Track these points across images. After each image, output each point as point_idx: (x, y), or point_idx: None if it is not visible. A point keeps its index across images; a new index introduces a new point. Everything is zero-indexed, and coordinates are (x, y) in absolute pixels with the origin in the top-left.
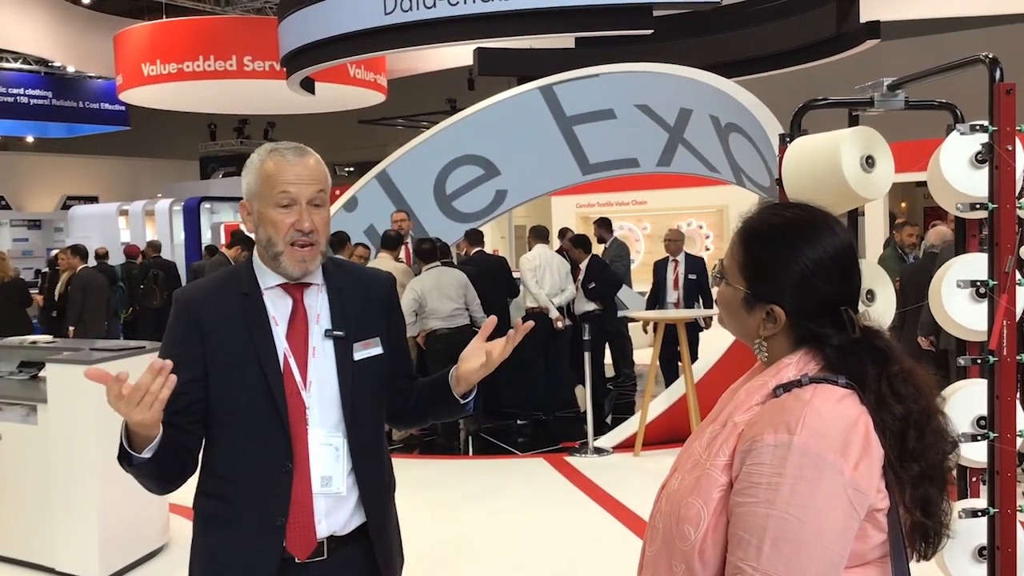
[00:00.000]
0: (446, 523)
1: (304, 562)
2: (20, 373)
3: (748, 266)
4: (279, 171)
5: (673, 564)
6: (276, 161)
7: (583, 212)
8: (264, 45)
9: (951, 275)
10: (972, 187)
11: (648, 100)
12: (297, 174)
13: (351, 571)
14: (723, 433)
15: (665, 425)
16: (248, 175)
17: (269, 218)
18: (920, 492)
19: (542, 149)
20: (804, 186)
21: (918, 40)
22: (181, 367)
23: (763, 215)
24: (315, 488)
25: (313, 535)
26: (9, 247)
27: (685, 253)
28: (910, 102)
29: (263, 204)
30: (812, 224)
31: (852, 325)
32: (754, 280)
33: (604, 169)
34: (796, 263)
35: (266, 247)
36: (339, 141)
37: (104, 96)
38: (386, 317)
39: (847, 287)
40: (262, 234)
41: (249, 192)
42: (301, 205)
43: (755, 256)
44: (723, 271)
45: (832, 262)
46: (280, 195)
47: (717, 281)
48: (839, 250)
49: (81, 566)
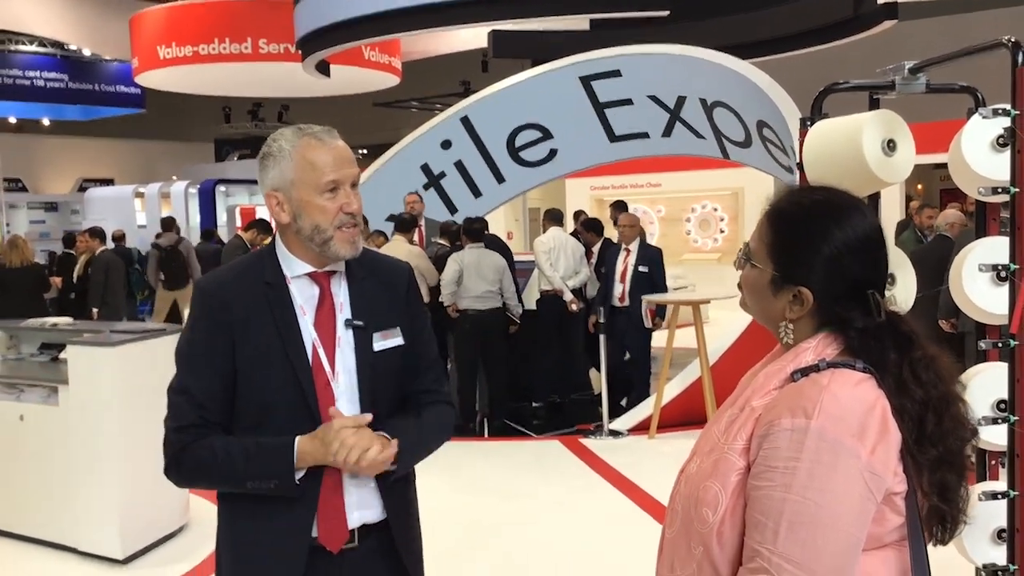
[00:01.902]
0: (462, 505)
1: (337, 552)
2: (41, 355)
3: (777, 247)
4: (320, 156)
5: (692, 546)
6: (314, 146)
7: (597, 195)
8: (279, 28)
9: (972, 258)
10: (993, 171)
11: (656, 91)
12: (338, 157)
13: (378, 558)
14: (741, 417)
15: (680, 408)
16: (280, 163)
17: (316, 205)
18: (937, 477)
19: (581, 122)
20: (825, 170)
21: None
22: (212, 363)
23: (793, 197)
24: (345, 479)
25: (344, 525)
26: (26, 229)
27: (640, 241)
28: (931, 85)
29: (306, 192)
30: (842, 206)
31: (878, 309)
32: (783, 261)
33: (624, 139)
34: (827, 245)
35: (311, 234)
36: (353, 124)
37: (120, 79)
38: (405, 308)
39: (875, 270)
40: (305, 222)
41: (283, 181)
42: (346, 188)
43: (784, 237)
44: (749, 253)
45: (862, 245)
46: (328, 182)
47: (742, 263)
48: (869, 233)
49: (102, 546)
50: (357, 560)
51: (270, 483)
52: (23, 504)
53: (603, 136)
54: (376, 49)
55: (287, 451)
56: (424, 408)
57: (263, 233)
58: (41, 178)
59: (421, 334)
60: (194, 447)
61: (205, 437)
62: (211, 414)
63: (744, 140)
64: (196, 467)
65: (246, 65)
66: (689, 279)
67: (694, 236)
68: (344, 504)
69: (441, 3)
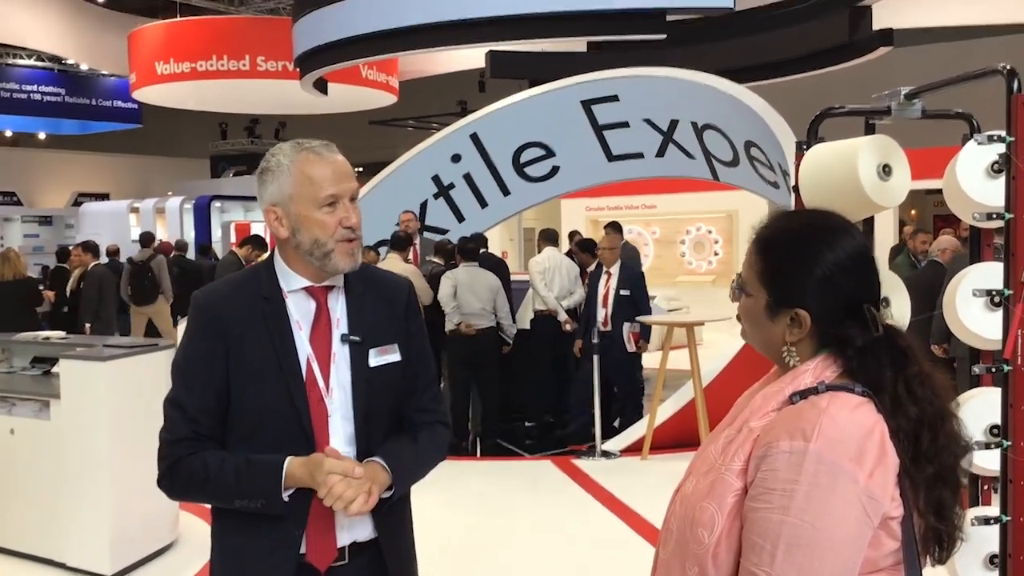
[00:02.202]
0: (453, 524)
1: (324, 571)
2: (33, 369)
3: (767, 273)
4: (318, 171)
5: (687, 567)
6: (312, 161)
7: (592, 215)
8: (277, 45)
9: (966, 284)
10: (988, 197)
11: (651, 115)
12: (337, 171)
13: None
14: (738, 438)
15: (673, 429)
16: (278, 178)
17: (315, 220)
18: (934, 495)
19: (582, 142)
20: (821, 194)
21: (931, 47)
22: (207, 376)
23: (778, 222)
24: None
25: (333, 544)
26: (20, 243)
27: (621, 264)
28: (927, 111)
29: (304, 206)
30: (828, 227)
31: (875, 323)
32: (775, 287)
33: (621, 159)
34: (818, 267)
35: (311, 249)
36: (350, 141)
37: (117, 94)
38: (404, 324)
39: (868, 287)
40: (304, 236)
41: (281, 195)
42: (345, 202)
43: (774, 262)
44: (742, 283)
45: (852, 263)
46: (327, 196)
47: (737, 295)
48: (858, 251)
49: (92, 562)
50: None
51: (258, 502)
52: (12, 518)
53: (602, 156)
54: (374, 68)
55: (276, 471)
56: (420, 429)
57: (258, 249)
58: (36, 192)
59: (420, 351)
60: (187, 461)
61: (199, 451)
62: (204, 428)
63: (732, 160)
64: (188, 481)
65: (244, 82)
66: (683, 301)
67: (688, 258)
68: (334, 523)
69: (439, 23)
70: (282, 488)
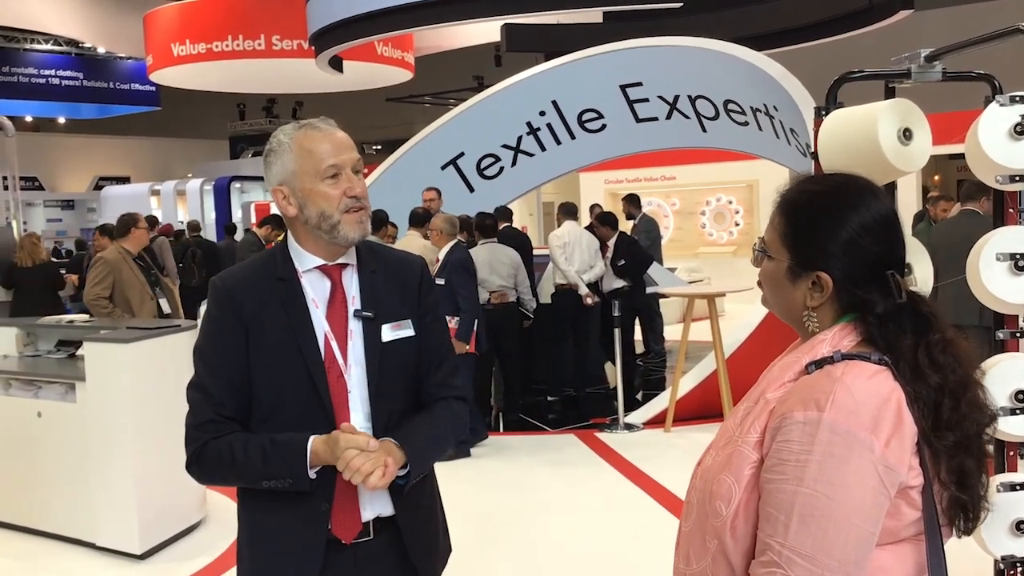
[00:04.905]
0: (478, 499)
1: (350, 544)
2: (58, 351)
3: (791, 235)
4: (318, 144)
5: (707, 540)
6: (311, 135)
7: (612, 188)
8: (292, 24)
9: (989, 248)
10: (1011, 159)
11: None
12: (336, 143)
13: (392, 553)
14: (755, 410)
15: (696, 401)
16: (281, 157)
17: (319, 192)
18: (955, 463)
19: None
20: (840, 159)
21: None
22: (228, 359)
23: (802, 185)
24: None
25: (358, 518)
26: (43, 227)
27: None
28: (947, 73)
29: (308, 181)
30: (854, 190)
31: (899, 289)
32: (798, 249)
33: (643, 121)
34: (843, 229)
35: (318, 222)
36: (367, 119)
37: (134, 77)
38: (417, 300)
39: (893, 250)
40: (311, 210)
41: (286, 173)
42: (347, 172)
43: (798, 225)
44: (764, 246)
45: (878, 226)
46: (328, 168)
47: (759, 258)
48: (884, 214)
49: (121, 541)
50: (372, 553)
51: (285, 481)
52: (41, 500)
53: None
54: (389, 44)
55: (301, 451)
56: (436, 405)
57: (277, 229)
58: (57, 176)
59: (435, 327)
60: (213, 444)
61: (224, 433)
62: (228, 410)
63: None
64: (215, 465)
65: (260, 62)
66: (704, 272)
67: (709, 229)
68: (358, 497)
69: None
70: (307, 467)
